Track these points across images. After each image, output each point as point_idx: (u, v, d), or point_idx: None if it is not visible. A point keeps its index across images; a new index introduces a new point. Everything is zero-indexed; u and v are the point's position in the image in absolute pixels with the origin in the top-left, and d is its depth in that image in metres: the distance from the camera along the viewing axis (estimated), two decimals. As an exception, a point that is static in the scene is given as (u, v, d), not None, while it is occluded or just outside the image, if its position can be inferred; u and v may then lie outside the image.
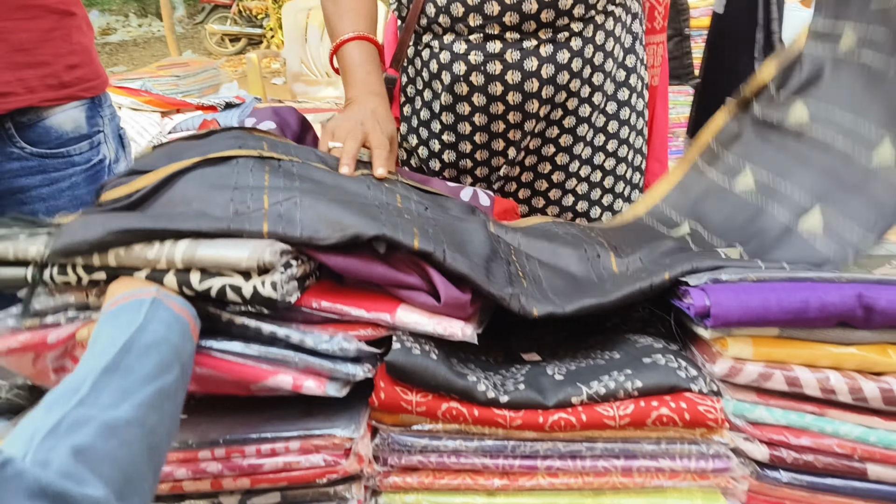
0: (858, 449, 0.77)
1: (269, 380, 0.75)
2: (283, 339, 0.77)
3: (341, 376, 0.77)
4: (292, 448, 0.76)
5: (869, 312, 0.76)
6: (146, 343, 0.63)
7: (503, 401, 0.77)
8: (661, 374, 0.79)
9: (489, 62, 1.24)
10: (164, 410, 0.61)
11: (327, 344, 0.76)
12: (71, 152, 1.30)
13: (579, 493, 0.79)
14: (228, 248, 0.77)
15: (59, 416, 0.54)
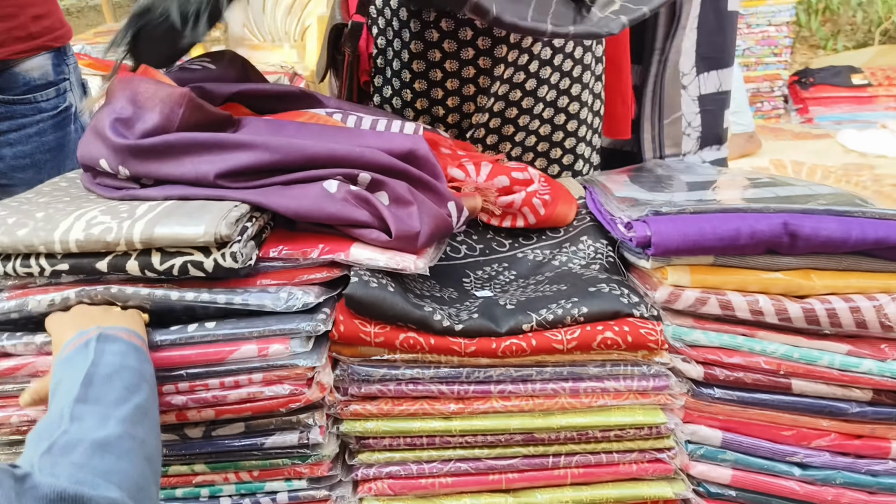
0: (783, 365, 0.83)
1: (234, 355, 0.78)
2: (241, 307, 0.79)
3: (304, 333, 0.79)
4: (256, 379, 0.78)
5: (794, 239, 0.82)
6: (105, 374, 0.65)
7: (458, 329, 0.81)
8: (606, 300, 0.84)
9: (497, 47, 1.25)
10: (146, 425, 0.64)
11: (287, 303, 0.79)
12: (38, 98, 1.29)
13: (530, 415, 0.84)
14: (184, 224, 0.77)
15: (49, 444, 0.57)
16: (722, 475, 0.86)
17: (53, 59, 1.30)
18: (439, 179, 0.93)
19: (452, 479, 0.85)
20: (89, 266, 0.79)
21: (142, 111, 0.89)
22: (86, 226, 0.79)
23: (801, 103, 4.94)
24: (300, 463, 0.82)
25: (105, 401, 0.63)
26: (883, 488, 0.85)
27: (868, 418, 0.84)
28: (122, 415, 0.62)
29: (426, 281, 0.99)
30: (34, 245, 0.79)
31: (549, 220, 1.07)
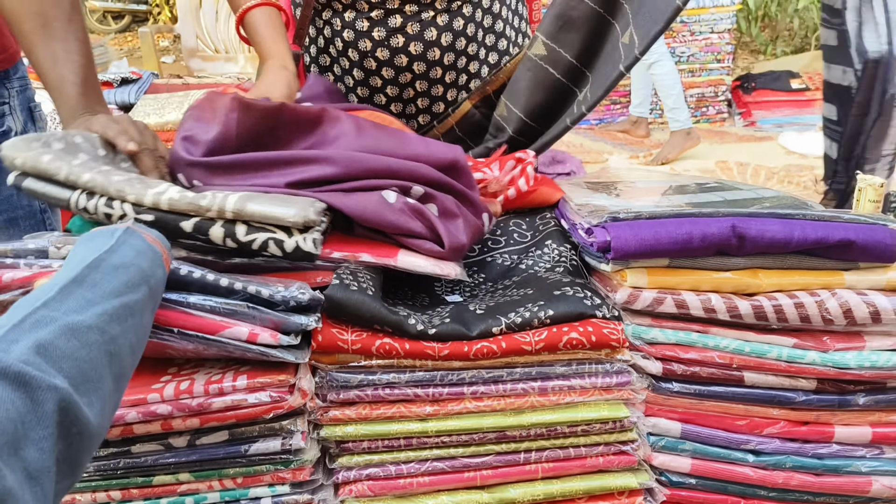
0: (735, 359, 0.89)
1: (227, 331, 0.80)
2: (241, 291, 0.81)
3: (293, 327, 0.82)
4: (239, 387, 0.81)
5: (741, 241, 0.89)
6: (114, 263, 0.66)
7: (431, 333, 0.85)
8: (570, 303, 0.89)
9: (392, 36, 1.30)
10: (127, 324, 0.63)
11: (283, 293, 0.82)
12: None
13: (502, 414, 0.88)
14: (276, 204, 0.83)
15: (24, 314, 0.57)
16: (682, 464, 0.92)
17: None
18: (475, 190, 1.01)
19: (430, 479, 0.89)
20: (174, 223, 0.84)
21: (203, 124, 0.96)
22: (179, 190, 0.83)
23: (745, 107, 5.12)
24: (283, 469, 0.85)
25: (99, 289, 0.63)
26: (828, 470, 0.91)
27: (813, 406, 0.90)
28: (105, 308, 0.62)
29: (400, 287, 1.03)
30: (125, 193, 0.83)
31: (533, 197, 1.14)
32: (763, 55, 6.49)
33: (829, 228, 0.89)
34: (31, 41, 1.06)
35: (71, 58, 1.06)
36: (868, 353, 0.89)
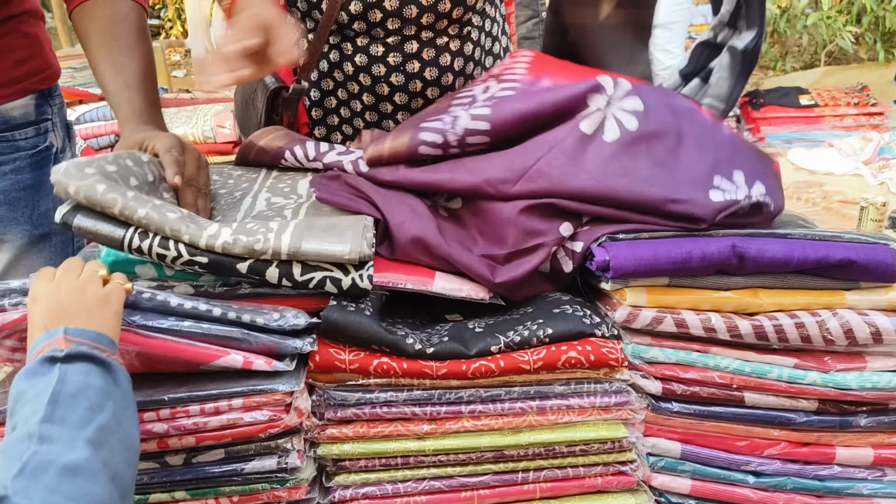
0: (736, 379, 0.89)
1: (221, 360, 0.81)
2: (234, 321, 0.82)
3: (289, 351, 0.83)
4: (235, 405, 0.81)
5: (741, 260, 0.88)
6: (70, 392, 0.66)
7: (429, 352, 0.85)
8: (569, 321, 0.89)
9: (408, 62, 1.30)
10: (110, 444, 0.65)
11: (278, 322, 0.82)
12: (16, 136, 1.27)
13: (500, 433, 0.88)
14: (330, 241, 0.84)
15: (20, 465, 0.59)
16: (682, 485, 0.91)
17: (37, 100, 1.28)
18: None
19: (427, 498, 0.88)
20: (229, 265, 0.84)
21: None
22: (234, 231, 0.83)
23: (753, 123, 5.10)
24: (279, 487, 0.85)
25: (70, 421, 0.64)
26: (829, 492, 0.90)
27: (814, 427, 0.89)
28: (87, 436, 0.63)
29: (401, 305, 1.03)
30: (180, 233, 0.82)
31: None
32: (772, 71, 6.48)
33: (829, 248, 0.88)
34: (98, 53, 1.13)
35: (135, 68, 1.12)
36: (869, 374, 0.88)
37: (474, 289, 0.94)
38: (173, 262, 0.84)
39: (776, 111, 5.04)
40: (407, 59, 1.30)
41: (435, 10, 1.26)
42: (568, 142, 0.93)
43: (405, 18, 1.26)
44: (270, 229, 0.84)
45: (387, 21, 1.26)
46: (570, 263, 0.95)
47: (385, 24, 1.26)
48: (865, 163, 4.24)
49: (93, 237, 0.85)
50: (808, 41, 6.39)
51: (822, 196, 3.95)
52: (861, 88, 5.23)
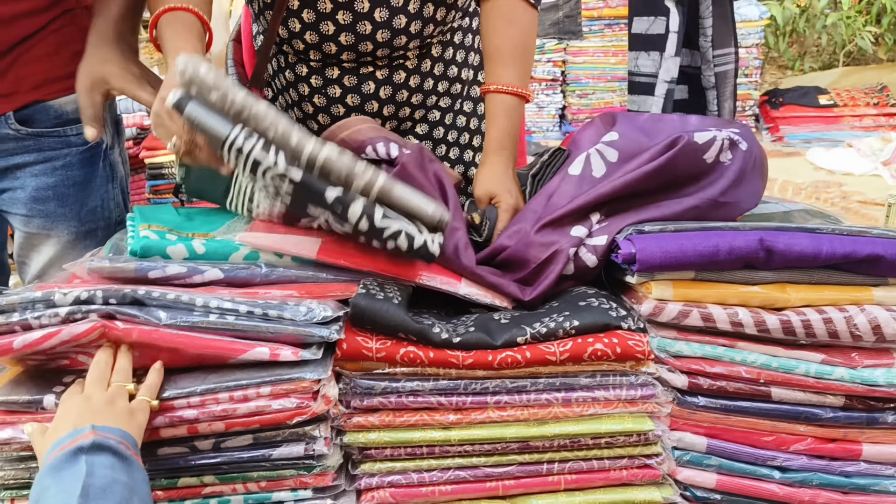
0: (763, 374, 0.88)
1: (248, 353, 0.82)
2: (261, 315, 0.83)
3: (315, 340, 0.83)
4: (264, 393, 0.82)
5: (769, 254, 0.88)
6: (100, 486, 0.67)
7: (455, 341, 0.85)
8: (595, 314, 0.89)
9: (364, 83, 1.29)
10: None
11: (306, 316, 0.83)
12: (67, 132, 1.28)
13: (525, 424, 0.88)
14: (418, 197, 0.87)
15: None
16: (707, 480, 0.91)
17: None
18: None
19: (452, 487, 0.89)
20: (318, 189, 0.84)
21: None
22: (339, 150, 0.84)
23: (772, 122, 5.08)
24: (306, 473, 0.85)
25: None
26: (855, 488, 0.90)
27: (841, 423, 0.89)
28: None
29: (427, 295, 1.03)
30: (289, 136, 0.83)
31: None
32: (791, 70, 6.44)
33: (857, 243, 0.88)
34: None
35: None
36: (898, 371, 0.88)
37: (498, 297, 0.97)
38: (265, 174, 0.83)
39: (795, 111, 5.01)
40: (363, 80, 1.29)
41: (391, 45, 1.26)
42: (563, 187, 1.02)
43: (360, 52, 1.25)
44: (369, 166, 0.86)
45: (342, 54, 1.26)
46: (593, 258, 0.95)
47: (340, 56, 1.26)
48: (884, 163, 4.20)
49: (200, 128, 0.85)
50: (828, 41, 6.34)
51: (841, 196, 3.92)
52: (881, 89, 5.19)
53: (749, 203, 0.99)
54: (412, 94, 1.33)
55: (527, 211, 1.05)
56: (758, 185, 1.00)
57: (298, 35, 1.24)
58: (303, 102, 1.32)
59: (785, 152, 4.73)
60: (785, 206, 1.18)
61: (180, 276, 0.87)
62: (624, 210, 0.98)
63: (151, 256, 0.90)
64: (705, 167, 0.96)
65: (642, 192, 0.98)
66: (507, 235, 1.03)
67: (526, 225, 1.02)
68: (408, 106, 1.34)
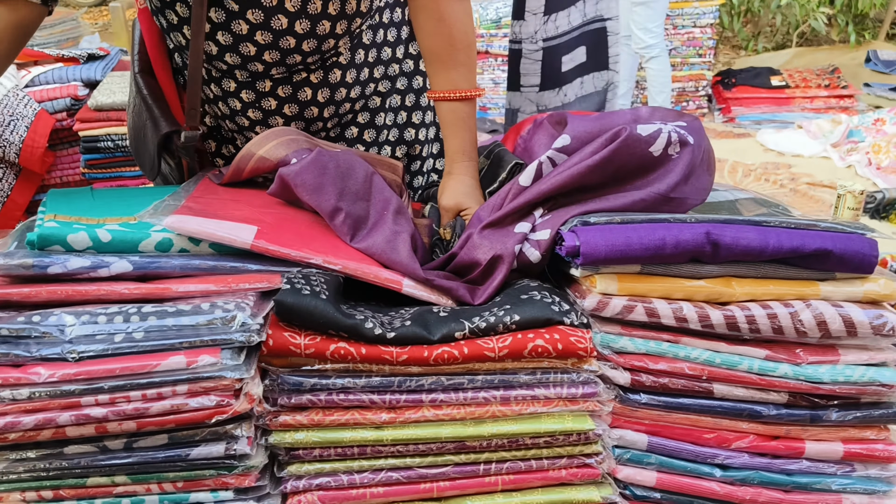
0: (706, 370, 0.86)
1: (163, 364, 0.76)
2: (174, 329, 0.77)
3: (236, 344, 0.78)
4: (180, 391, 0.76)
5: (716, 248, 0.85)
6: None
7: (390, 337, 0.81)
8: (537, 308, 0.85)
9: (299, 91, 1.21)
10: None
11: (224, 320, 0.77)
12: None
13: (461, 423, 0.84)
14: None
15: None
16: (647, 478, 0.89)
17: None
18: None
19: (384, 489, 0.84)
20: None
21: None
22: None
23: (724, 103, 5.11)
24: (227, 474, 0.80)
25: None
26: (797, 486, 0.88)
27: (783, 420, 0.87)
28: None
29: (366, 289, 0.99)
30: None
31: None
32: (745, 51, 6.49)
33: (805, 237, 0.85)
34: None
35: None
36: (842, 368, 0.86)
37: (443, 297, 0.92)
38: None
39: (747, 91, 5.06)
40: (298, 88, 1.21)
41: (320, 51, 1.18)
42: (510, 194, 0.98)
43: (289, 65, 1.18)
44: None
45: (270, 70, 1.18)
46: (536, 253, 0.92)
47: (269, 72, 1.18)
48: (834, 145, 4.27)
49: None
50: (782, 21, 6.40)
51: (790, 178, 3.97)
52: (832, 70, 5.26)
53: (697, 198, 0.96)
54: (350, 89, 1.26)
55: (475, 218, 1.02)
56: (706, 180, 0.97)
57: (217, 57, 1.15)
58: (236, 116, 1.23)
59: (736, 133, 4.77)
60: (734, 195, 1.15)
61: (83, 270, 0.80)
62: (567, 204, 0.95)
63: (51, 246, 0.82)
64: (651, 161, 0.92)
65: (586, 186, 0.94)
66: (458, 244, 1.00)
67: (473, 230, 0.98)
68: (348, 101, 1.28)
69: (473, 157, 1.18)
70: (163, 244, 0.84)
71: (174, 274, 0.83)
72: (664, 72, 4.49)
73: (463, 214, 1.13)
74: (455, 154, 1.17)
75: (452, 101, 1.17)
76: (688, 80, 5.12)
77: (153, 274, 0.83)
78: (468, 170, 1.17)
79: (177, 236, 0.85)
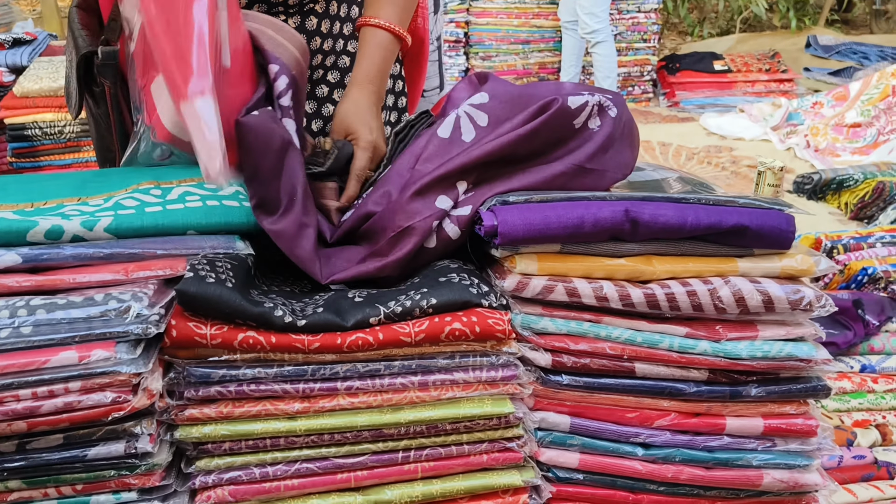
0: (627, 350, 0.85)
1: (53, 360, 0.71)
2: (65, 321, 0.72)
3: (132, 337, 0.74)
4: (73, 388, 0.72)
5: (635, 225, 0.84)
6: None
7: (301, 325, 0.78)
8: (455, 291, 0.83)
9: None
10: None
11: (118, 311, 0.73)
12: None
13: (378, 411, 0.82)
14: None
15: None
16: (570, 459, 0.88)
17: None
18: None
19: (299, 481, 0.81)
20: None
21: None
22: None
23: (669, 88, 5.17)
24: (128, 474, 0.76)
25: None
26: (718, 463, 0.88)
27: (704, 397, 0.87)
28: None
29: (278, 274, 0.95)
30: None
31: None
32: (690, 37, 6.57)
33: (722, 213, 0.85)
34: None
35: None
36: (760, 343, 0.86)
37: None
38: None
39: (691, 76, 5.12)
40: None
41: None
42: (430, 149, 0.94)
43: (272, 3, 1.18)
44: None
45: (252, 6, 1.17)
46: (456, 229, 0.89)
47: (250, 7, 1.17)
48: (774, 128, 4.35)
49: None
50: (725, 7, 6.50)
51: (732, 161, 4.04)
52: (773, 55, 5.36)
53: (618, 173, 0.94)
54: (324, 40, 1.26)
55: (392, 173, 0.97)
56: (627, 154, 0.96)
57: None
58: None
59: (680, 117, 4.82)
60: (661, 174, 1.15)
61: None
62: (491, 179, 0.93)
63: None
64: (572, 131, 0.91)
65: (512, 157, 0.92)
66: (373, 201, 0.95)
67: (392, 189, 0.94)
68: (320, 53, 1.27)
69: (377, 84, 1.14)
70: (53, 232, 0.79)
71: (68, 264, 0.78)
72: (610, 56, 4.51)
73: (351, 138, 1.07)
74: (358, 76, 1.13)
75: (378, 28, 1.14)
76: (633, 64, 5.16)
77: (45, 266, 0.78)
78: (367, 92, 1.12)
79: (68, 222, 0.80)
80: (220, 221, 0.87)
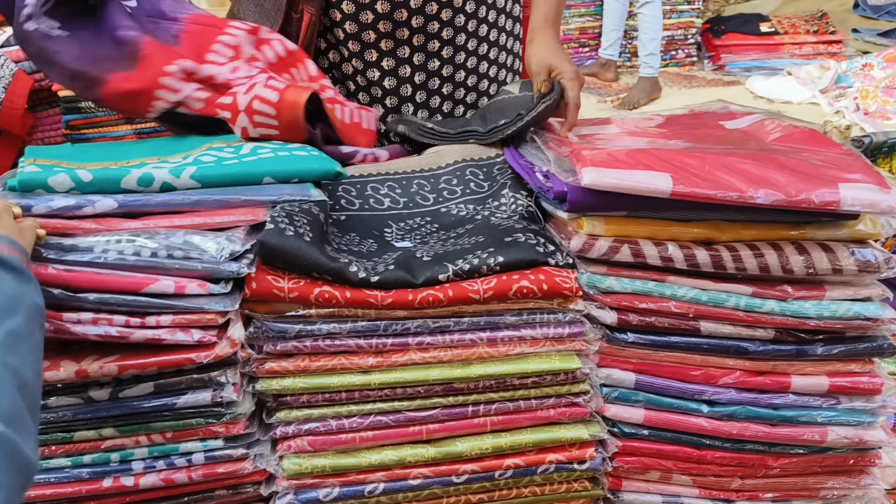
0: (692, 308, 0.86)
1: (151, 287, 0.75)
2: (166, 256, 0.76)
3: (224, 274, 0.77)
4: (164, 322, 0.75)
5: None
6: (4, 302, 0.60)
7: (374, 280, 0.80)
8: (522, 249, 0.85)
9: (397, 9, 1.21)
10: (21, 352, 0.59)
11: (215, 252, 0.76)
12: None
13: (448, 366, 0.84)
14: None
15: None
16: (635, 415, 0.89)
17: None
18: None
19: (373, 433, 0.85)
20: None
21: None
22: None
23: (714, 51, 5.04)
24: (215, 422, 0.80)
25: None
26: (783, 420, 0.89)
27: (770, 356, 0.88)
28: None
29: (346, 233, 0.97)
30: None
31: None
32: (734, -2, 6.39)
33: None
34: None
35: None
36: (828, 303, 0.87)
37: None
38: None
39: (737, 39, 4.99)
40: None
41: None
42: None
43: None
44: None
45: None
46: None
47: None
48: (822, 91, 4.23)
49: None
50: (771, -33, 6.28)
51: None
52: (820, 16, 5.19)
53: None
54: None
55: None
56: None
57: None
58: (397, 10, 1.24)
59: (725, 81, 4.71)
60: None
61: (68, 209, 0.79)
62: None
63: (34, 191, 0.81)
64: None
65: None
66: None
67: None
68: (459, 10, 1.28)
69: (557, 26, 1.20)
70: (144, 179, 0.83)
71: (157, 210, 0.82)
72: (657, 18, 4.40)
73: (555, 75, 1.10)
74: (538, 21, 1.18)
75: None
76: (677, 27, 5.04)
77: (137, 211, 0.82)
78: (551, 35, 1.18)
79: (157, 170, 0.84)
80: (293, 168, 0.90)
